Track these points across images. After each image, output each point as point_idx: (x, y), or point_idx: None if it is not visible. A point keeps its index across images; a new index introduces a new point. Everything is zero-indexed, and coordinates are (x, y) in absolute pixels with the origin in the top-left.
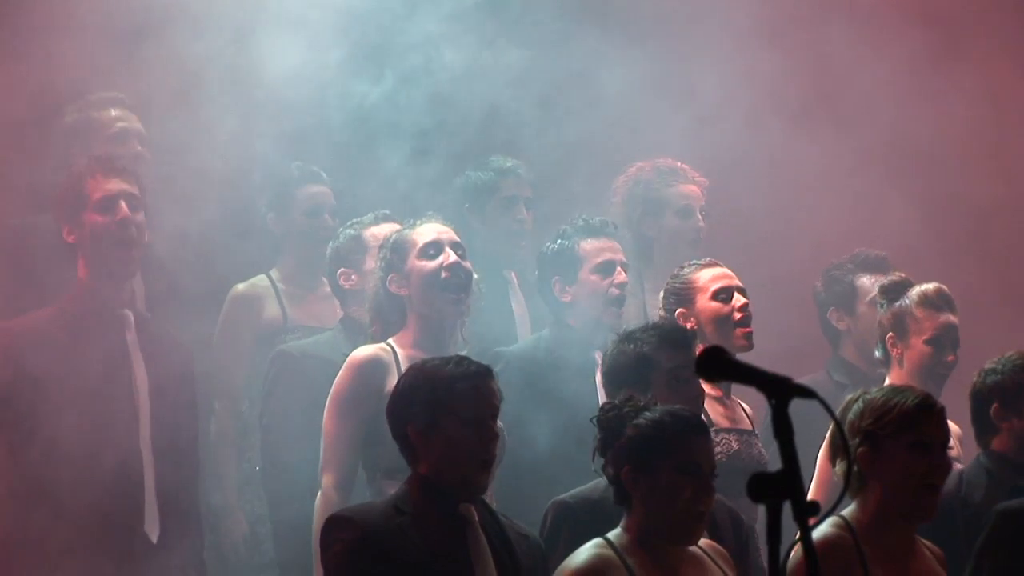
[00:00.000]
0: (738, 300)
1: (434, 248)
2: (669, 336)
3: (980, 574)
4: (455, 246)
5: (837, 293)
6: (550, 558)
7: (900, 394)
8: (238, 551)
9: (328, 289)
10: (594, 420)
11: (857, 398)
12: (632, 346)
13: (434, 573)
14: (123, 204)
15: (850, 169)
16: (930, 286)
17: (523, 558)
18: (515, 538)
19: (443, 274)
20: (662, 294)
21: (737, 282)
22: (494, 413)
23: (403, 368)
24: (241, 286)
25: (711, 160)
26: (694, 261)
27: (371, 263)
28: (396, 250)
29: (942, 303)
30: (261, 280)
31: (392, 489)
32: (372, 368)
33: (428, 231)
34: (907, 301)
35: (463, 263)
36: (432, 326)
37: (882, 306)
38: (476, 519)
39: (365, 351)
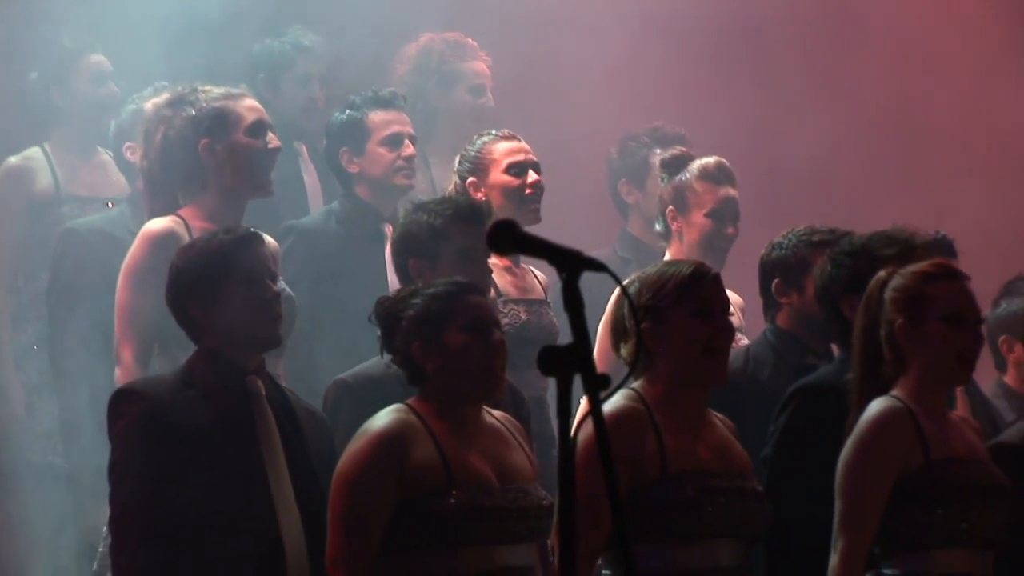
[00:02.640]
0: (530, 176)
1: (258, 126)
2: (463, 211)
3: (783, 451)
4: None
5: (629, 165)
6: (336, 438)
7: (673, 266)
8: (19, 421)
9: (104, 157)
10: (371, 318)
11: (632, 280)
12: (425, 217)
13: (220, 446)
14: None
15: None
16: (710, 160)
17: (309, 433)
18: (302, 414)
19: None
20: (457, 160)
21: (532, 157)
22: (272, 275)
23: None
24: (13, 159)
25: None
26: (493, 131)
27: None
28: (217, 119)
29: (722, 177)
30: (34, 152)
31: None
32: (166, 240)
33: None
34: (687, 175)
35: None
36: (231, 198)
37: (663, 180)
38: (263, 392)
39: (158, 223)
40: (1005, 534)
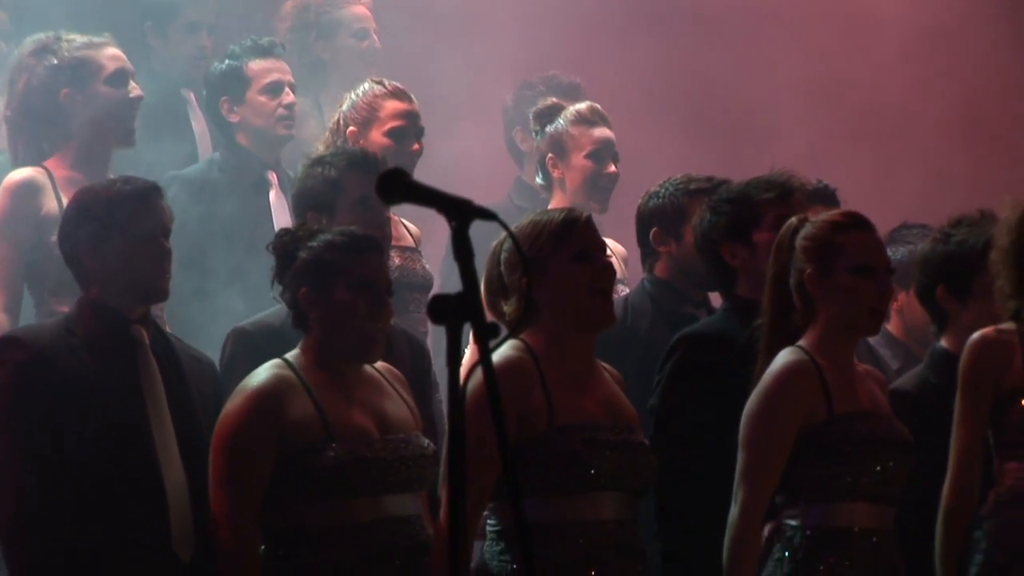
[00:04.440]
0: (412, 143)
1: (119, 75)
2: (357, 161)
3: (668, 399)
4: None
5: (524, 114)
6: (231, 386)
7: (545, 215)
8: None
9: None
10: (269, 247)
11: (504, 238)
12: (320, 170)
13: (103, 394)
14: None
15: None
16: (582, 105)
17: (195, 379)
18: (187, 360)
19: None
20: (344, 100)
21: (417, 122)
22: (165, 231)
23: (60, 190)
24: None
25: None
26: (385, 84)
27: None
28: (78, 69)
29: (596, 118)
30: None
31: (62, 309)
32: (27, 190)
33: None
34: (562, 122)
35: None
36: (95, 148)
37: (537, 133)
38: (147, 342)
39: (19, 174)
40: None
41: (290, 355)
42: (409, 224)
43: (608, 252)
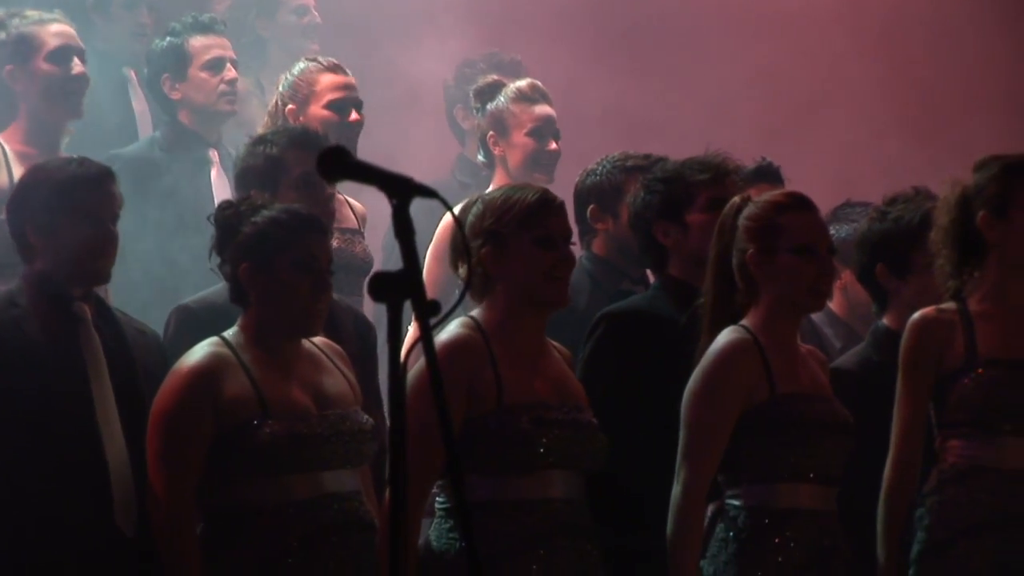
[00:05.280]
0: (351, 115)
1: (60, 52)
2: (298, 138)
3: (588, 377)
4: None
5: (465, 91)
6: (174, 364)
7: (520, 191)
8: None
9: None
10: (210, 218)
11: (475, 200)
12: (261, 148)
13: (46, 366)
14: None
15: None
16: (523, 82)
17: (139, 352)
18: (132, 334)
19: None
20: (280, 80)
21: (355, 94)
22: (114, 216)
23: (12, 164)
24: None
25: None
26: (320, 60)
27: None
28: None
29: (537, 96)
30: None
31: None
32: None
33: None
34: (502, 100)
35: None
36: (43, 123)
37: (478, 111)
38: (89, 317)
39: None
40: (847, 470)
41: (227, 333)
42: (355, 203)
43: (572, 240)
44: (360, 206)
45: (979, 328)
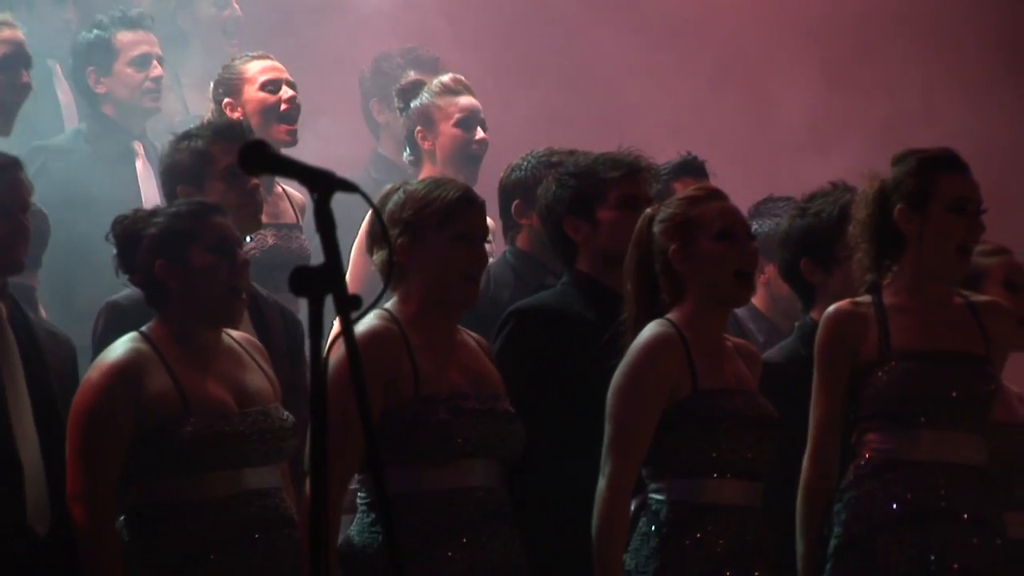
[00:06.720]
0: (285, 92)
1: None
2: (224, 131)
3: (500, 374)
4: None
5: (381, 85)
6: None
7: (442, 187)
8: None
9: None
10: (108, 237)
11: (398, 188)
12: (187, 143)
13: None
14: None
15: None
16: (446, 76)
17: (50, 356)
18: (43, 336)
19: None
20: (212, 85)
21: (286, 75)
22: (23, 205)
23: None
24: None
25: None
26: (248, 53)
27: None
28: None
29: (461, 88)
30: None
31: None
32: None
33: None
34: (427, 95)
35: None
36: None
37: (402, 110)
38: (4, 316)
39: None
40: (772, 465)
41: (147, 327)
42: (294, 193)
43: (489, 239)
44: (300, 196)
45: (893, 321)
